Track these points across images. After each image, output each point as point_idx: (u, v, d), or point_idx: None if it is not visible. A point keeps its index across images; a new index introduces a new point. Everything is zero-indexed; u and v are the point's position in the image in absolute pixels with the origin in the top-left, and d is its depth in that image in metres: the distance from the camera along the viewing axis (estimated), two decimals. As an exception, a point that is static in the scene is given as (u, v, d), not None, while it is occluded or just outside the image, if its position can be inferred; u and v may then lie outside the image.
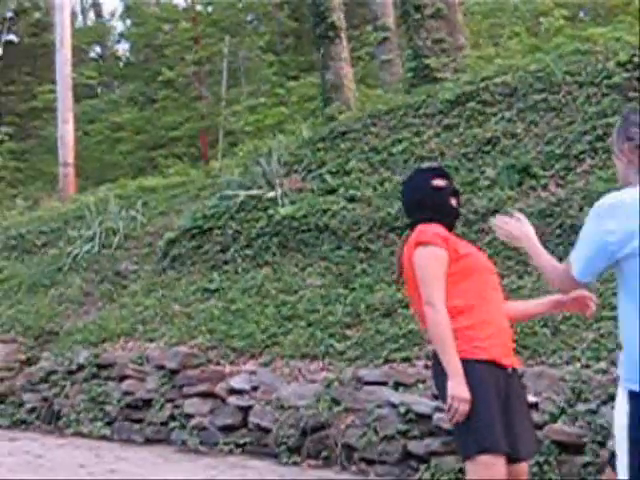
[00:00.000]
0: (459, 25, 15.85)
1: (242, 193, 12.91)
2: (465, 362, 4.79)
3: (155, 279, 13.01)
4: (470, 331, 4.84)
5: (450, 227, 5.10)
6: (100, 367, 11.38)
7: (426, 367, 8.89)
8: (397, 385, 8.83)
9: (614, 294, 8.57)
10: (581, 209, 9.62)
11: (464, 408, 4.72)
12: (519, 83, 11.95)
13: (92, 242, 14.58)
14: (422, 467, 8.35)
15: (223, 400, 10.07)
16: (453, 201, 5.11)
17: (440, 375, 4.85)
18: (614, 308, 8.39)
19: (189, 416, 10.22)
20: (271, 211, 12.38)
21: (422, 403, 8.48)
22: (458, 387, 4.73)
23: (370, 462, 8.69)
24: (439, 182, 5.12)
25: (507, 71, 12.41)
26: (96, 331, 12.07)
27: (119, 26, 43.02)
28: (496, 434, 4.73)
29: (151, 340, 11.40)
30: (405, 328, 9.42)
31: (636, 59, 11.00)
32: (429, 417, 8.38)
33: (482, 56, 15.83)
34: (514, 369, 5.01)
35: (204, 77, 27.56)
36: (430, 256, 4.88)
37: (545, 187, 10.37)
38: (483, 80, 12.47)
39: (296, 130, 15.78)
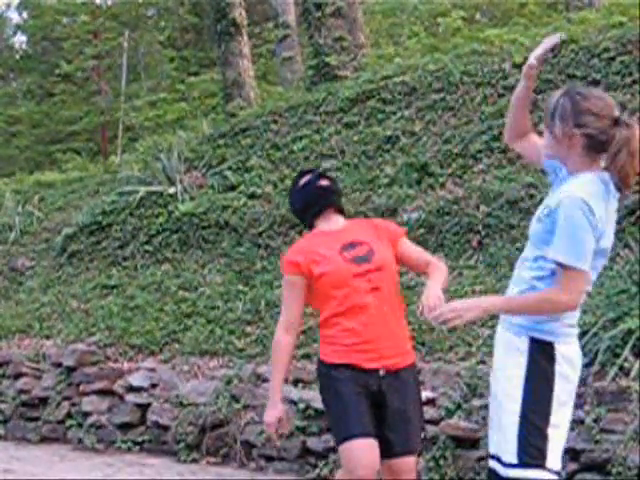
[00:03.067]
0: (359, 24, 15.96)
1: (142, 189, 12.82)
2: (322, 364, 5.17)
3: (52, 275, 12.83)
4: (332, 339, 5.09)
5: (333, 206, 5.12)
6: (-5, 365, 11.17)
7: (325, 364, 8.95)
8: (296, 382, 8.87)
9: (509, 291, 8.75)
10: (478, 207, 9.79)
11: (272, 430, 5.33)
12: (418, 82, 12.09)
13: (-13, 237, 14.32)
14: (321, 463, 8.40)
15: (121, 398, 9.98)
16: (323, 181, 5.15)
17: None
18: (509, 305, 8.56)
19: (86, 414, 10.10)
20: (171, 207, 12.32)
21: (320, 399, 8.51)
22: (268, 411, 5.39)
23: (269, 458, 8.72)
24: (303, 180, 5.21)
25: (406, 70, 12.54)
26: (-9, 328, 11.86)
27: (15, 18, 42.17)
28: (349, 422, 4.97)
29: (48, 337, 11.24)
30: (304, 325, 9.46)
31: (532, 61, 11.21)
32: (328, 413, 8.42)
33: (382, 55, 15.97)
34: (396, 370, 5.11)
35: (103, 71, 27.25)
36: (285, 285, 5.18)
37: (443, 185, 10.52)
38: (383, 79, 12.58)
39: (197, 126, 15.72)
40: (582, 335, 7.44)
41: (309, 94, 13.69)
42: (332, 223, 5.12)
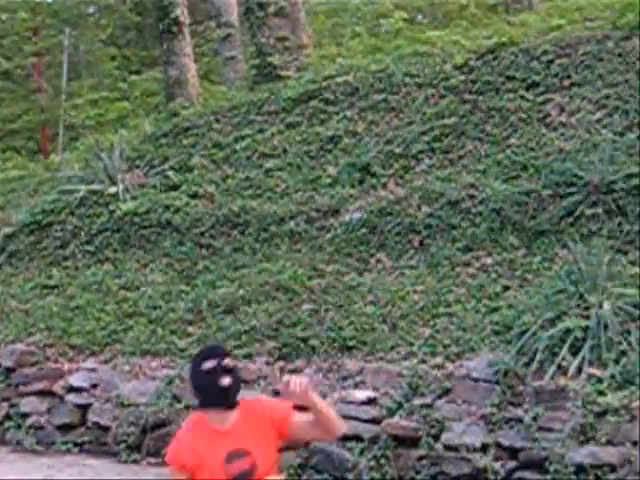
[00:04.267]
0: (302, 24, 15.97)
1: (83, 188, 12.71)
2: None
3: (-9, 275, 12.68)
4: None
5: (229, 405, 4.86)
6: None
7: (267, 364, 8.96)
8: (238, 382, 8.85)
9: (449, 291, 8.83)
10: (419, 208, 9.86)
11: None
12: (360, 83, 12.14)
13: None
14: (262, 462, 8.39)
15: (61, 398, 9.89)
16: (225, 380, 4.84)
17: None
18: (449, 304, 8.65)
19: (25, 415, 10.00)
20: (112, 207, 12.23)
21: (263, 399, 8.52)
22: None
23: (210, 459, 8.68)
24: (207, 364, 4.88)
25: (349, 71, 12.59)
26: None
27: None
28: None
29: (-14, 338, 11.10)
30: (247, 324, 9.47)
31: (471, 62, 11.32)
32: (270, 413, 8.42)
33: (325, 55, 15.99)
34: None
35: (44, 69, 26.96)
36: (171, 474, 4.91)
37: (385, 186, 10.57)
38: (325, 79, 12.61)
39: (139, 125, 15.62)
40: (521, 335, 7.56)
41: (252, 94, 13.68)
42: (224, 419, 4.82)
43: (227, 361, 4.68)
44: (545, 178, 9.30)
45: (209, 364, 4.80)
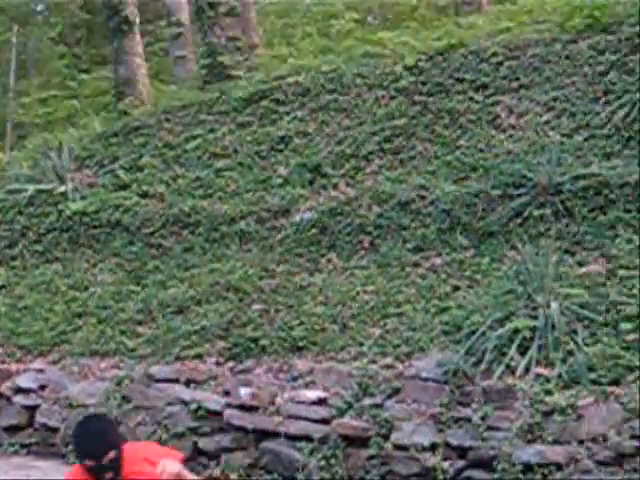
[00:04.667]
0: (253, 24, 15.97)
1: (31, 187, 12.61)
2: None
3: (-63, 275, 12.53)
4: None
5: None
6: None
7: (217, 364, 8.95)
8: (188, 382, 8.85)
9: (399, 292, 8.87)
10: (370, 208, 9.90)
11: None
12: (311, 83, 12.15)
13: None
14: (212, 463, 8.41)
15: (8, 399, 9.81)
16: (107, 475, 4.81)
17: None
18: (399, 305, 8.70)
19: (-27, 416, 9.91)
20: (61, 206, 12.14)
21: (213, 400, 8.54)
22: None
23: (160, 459, 8.65)
24: (88, 462, 4.79)
25: (300, 71, 12.59)
26: None
27: None
28: None
29: None
30: (197, 325, 9.45)
31: (421, 63, 11.38)
32: (220, 414, 8.44)
33: (276, 55, 15.98)
34: None
35: (-9, 66, 26.65)
36: None
37: (335, 186, 10.59)
38: (276, 79, 12.61)
39: (88, 124, 15.50)
40: (470, 335, 7.62)
41: (202, 93, 13.64)
42: None
43: (110, 455, 4.50)
44: (494, 179, 9.38)
45: (90, 462, 4.64)
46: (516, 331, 7.47)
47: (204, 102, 13.02)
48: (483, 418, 7.14)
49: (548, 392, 7.05)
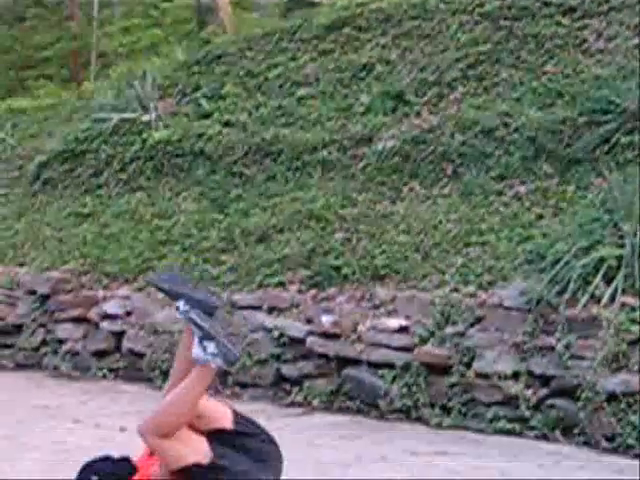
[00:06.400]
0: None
1: (115, 116, 12.70)
2: None
3: (26, 203, 12.76)
4: None
5: None
6: (-31, 292, 11.16)
7: (299, 292, 9.00)
8: (271, 309, 8.92)
9: (483, 220, 8.80)
10: (453, 136, 9.78)
11: None
12: (394, 9, 11.97)
13: (-41, 164, 14.20)
14: (295, 389, 8.49)
15: (96, 325, 10.02)
16: None
17: None
18: (482, 233, 8.63)
19: (61, 341, 10.15)
20: (145, 135, 12.22)
21: (295, 327, 8.60)
22: None
23: (244, 385, 8.79)
24: None
25: (382, -3, 12.41)
26: (-35, 256, 11.81)
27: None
28: None
29: (22, 265, 11.22)
30: (279, 253, 9.49)
31: (508, -12, 11.13)
32: (302, 341, 8.50)
33: (358, -19, 15.78)
34: None
35: (76, -4, 26.79)
36: None
37: (418, 114, 10.48)
38: (358, 6, 12.45)
39: (171, 53, 15.54)
40: (554, 263, 7.53)
41: (284, 21, 13.56)
42: None
43: None
44: (581, 105, 9.18)
45: None
46: (602, 260, 7.36)
47: (286, 30, 12.93)
48: (567, 347, 7.08)
49: (633, 321, 6.97)
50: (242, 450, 5.03)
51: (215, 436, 4.99)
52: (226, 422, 5.01)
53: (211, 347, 4.66)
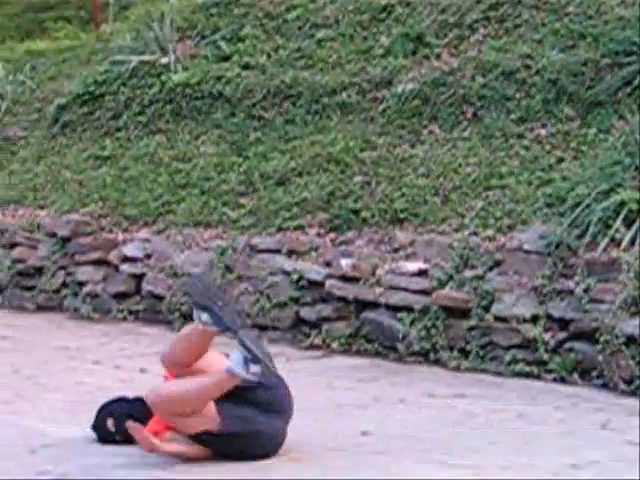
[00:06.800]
0: None
1: (134, 58, 12.65)
2: None
3: (45, 145, 12.77)
4: None
5: None
6: (-10, 234, 11.23)
7: (318, 235, 9.01)
8: (290, 253, 8.94)
9: (503, 163, 8.76)
10: (473, 78, 9.70)
11: None
12: (415, -50, 11.82)
13: (-21, 107, 14.19)
14: (313, 332, 8.53)
15: (116, 268, 10.07)
16: None
17: None
18: (502, 177, 8.60)
19: (81, 284, 10.21)
20: (164, 77, 12.17)
21: (314, 270, 8.62)
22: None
23: (263, 328, 8.84)
24: None
25: (403, -63, 12.25)
26: (-15, 199, 11.86)
27: None
28: None
29: (42, 207, 11.26)
30: (298, 197, 9.49)
31: None
32: (321, 284, 8.53)
33: None
34: None
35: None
36: None
37: (438, 56, 10.39)
38: (379, -54, 12.30)
39: (189, -6, 15.42)
40: (574, 207, 7.51)
41: (303, -38, 13.40)
42: None
43: None
44: (603, 47, 9.07)
45: None
46: (622, 203, 7.31)
47: (305, -30, 12.80)
48: (586, 290, 7.07)
49: (654, 265, 6.94)
50: (251, 404, 5.08)
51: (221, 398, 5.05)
52: None
53: (256, 369, 4.78)
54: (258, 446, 5.16)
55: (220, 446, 5.12)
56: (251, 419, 5.05)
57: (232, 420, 5.03)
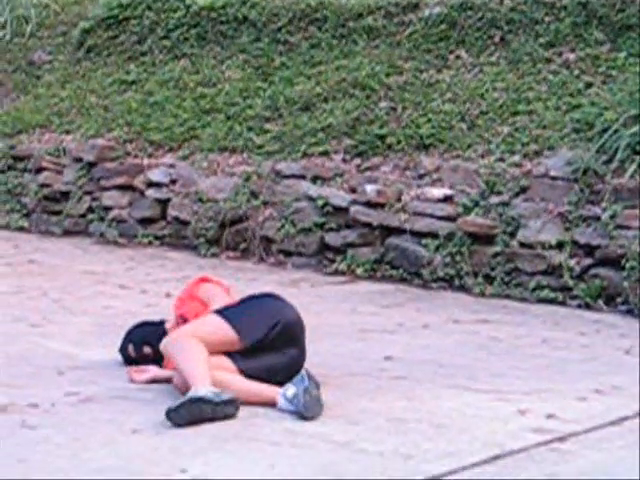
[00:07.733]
0: None
1: (158, -18, 12.53)
2: None
3: (70, 70, 12.72)
4: None
5: None
6: (16, 159, 11.24)
7: (343, 161, 8.98)
8: (315, 179, 8.92)
9: (530, 88, 8.67)
10: (501, 1, 9.56)
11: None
12: None
13: (3, 30, 14.12)
14: (338, 258, 8.54)
15: (142, 193, 10.08)
16: None
17: None
18: (530, 102, 8.52)
19: (107, 208, 10.24)
20: (189, 1, 12.05)
21: (339, 196, 8.62)
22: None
23: (288, 254, 8.86)
24: None
25: None
26: (10, 122, 11.85)
27: None
28: None
29: (67, 132, 11.25)
30: (324, 122, 9.44)
31: None
32: (346, 210, 8.52)
33: None
34: None
35: None
36: None
37: (466, -21, 10.24)
38: None
39: None
40: (602, 132, 7.44)
41: None
42: None
43: None
44: (635, -30, 8.92)
45: None
46: (651, 129, 7.25)
47: None
48: (612, 217, 7.04)
49: (682, 191, 6.89)
50: (266, 352, 5.09)
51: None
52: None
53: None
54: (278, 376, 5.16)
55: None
56: (267, 361, 5.07)
57: (248, 365, 5.06)
